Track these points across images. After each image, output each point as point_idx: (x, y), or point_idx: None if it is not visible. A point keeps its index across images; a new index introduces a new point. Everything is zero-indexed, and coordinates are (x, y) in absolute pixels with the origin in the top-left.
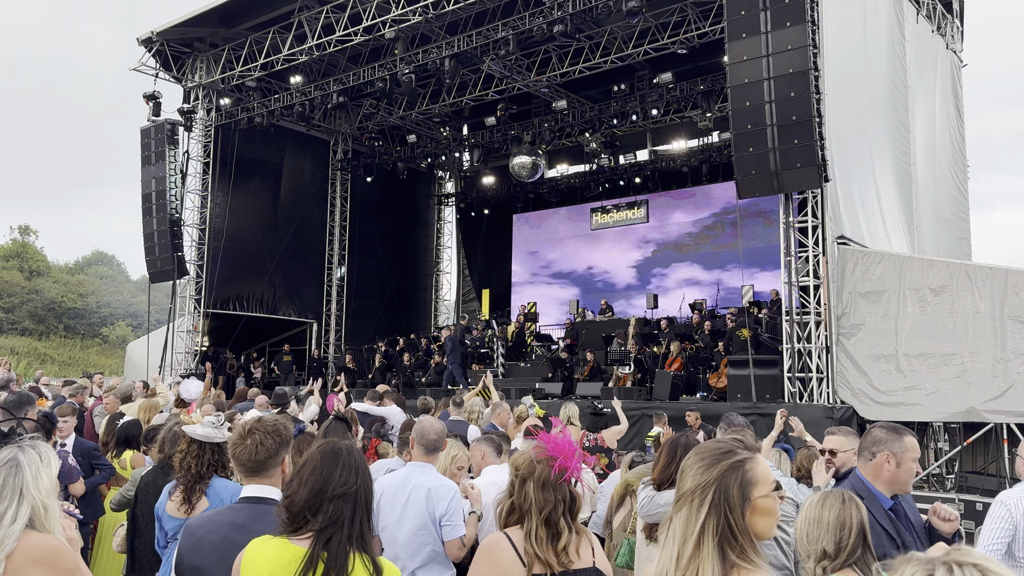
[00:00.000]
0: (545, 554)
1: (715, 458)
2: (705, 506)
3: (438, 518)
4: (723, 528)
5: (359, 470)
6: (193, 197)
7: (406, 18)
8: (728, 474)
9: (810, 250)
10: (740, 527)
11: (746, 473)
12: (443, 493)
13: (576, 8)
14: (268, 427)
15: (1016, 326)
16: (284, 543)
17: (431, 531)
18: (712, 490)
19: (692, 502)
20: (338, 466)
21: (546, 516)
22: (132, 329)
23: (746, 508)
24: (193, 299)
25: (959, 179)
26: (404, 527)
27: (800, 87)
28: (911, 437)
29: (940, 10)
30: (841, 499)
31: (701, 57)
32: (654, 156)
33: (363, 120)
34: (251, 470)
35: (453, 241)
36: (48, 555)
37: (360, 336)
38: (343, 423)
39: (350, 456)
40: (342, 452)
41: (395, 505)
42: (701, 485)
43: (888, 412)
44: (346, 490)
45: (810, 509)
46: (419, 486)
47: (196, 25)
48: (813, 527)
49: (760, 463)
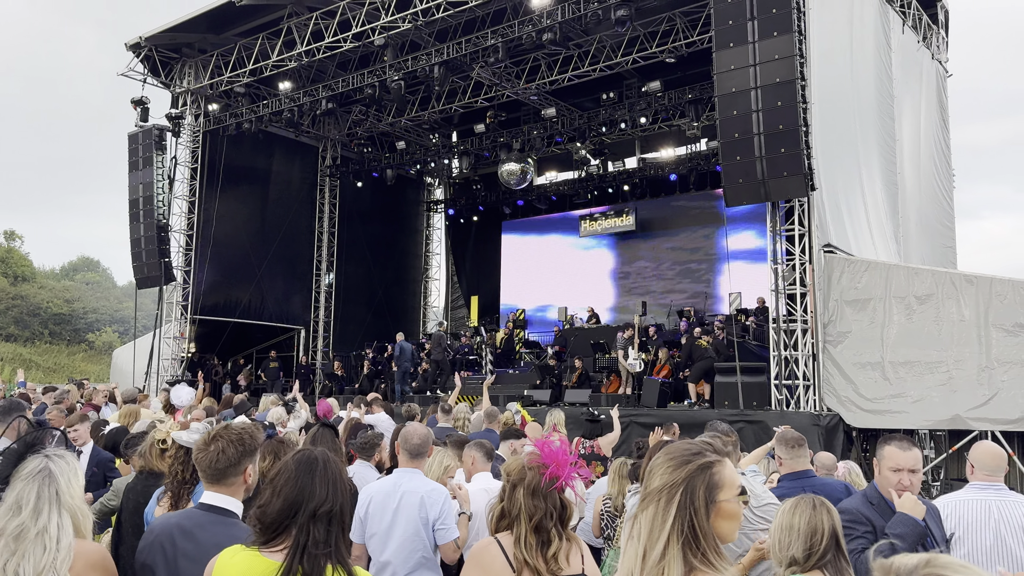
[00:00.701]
0: (534, 560)
1: (684, 459)
2: (672, 506)
3: (432, 523)
4: (687, 529)
5: (336, 480)
6: (180, 203)
7: (396, 25)
8: (696, 475)
9: (797, 258)
10: (704, 529)
11: (713, 476)
12: (435, 498)
13: (565, 17)
14: (232, 435)
15: (1000, 334)
16: (256, 555)
17: (422, 537)
18: (680, 490)
19: (659, 501)
20: (314, 476)
21: (536, 523)
22: (118, 335)
23: (711, 510)
24: (180, 305)
25: (944, 188)
26: (395, 534)
27: (787, 96)
28: (891, 447)
29: (926, 21)
30: (812, 505)
31: (689, 66)
32: (642, 164)
33: (352, 126)
34: (211, 477)
35: (442, 248)
36: (103, 560)
37: (348, 343)
38: (330, 430)
39: (327, 466)
40: (318, 462)
41: (385, 512)
42: (669, 484)
43: (874, 419)
44: (322, 501)
45: (782, 516)
46: (410, 492)
47: (185, 31)
48: (784, 534)
49: (728, 467)
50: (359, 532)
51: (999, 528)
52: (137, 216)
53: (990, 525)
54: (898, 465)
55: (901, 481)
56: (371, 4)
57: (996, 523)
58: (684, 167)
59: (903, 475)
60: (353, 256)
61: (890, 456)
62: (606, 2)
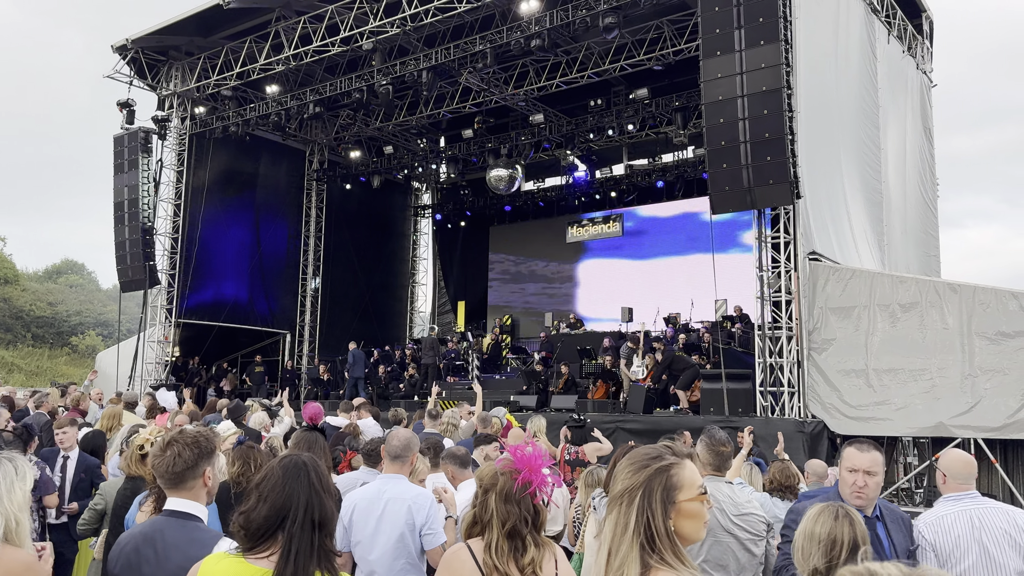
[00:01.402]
0: (505, 566)
1: (643, 463)
2: (633, 509)
3: (418, 528)
4: (644, 530)
5: (323, 486)
6: (166, 206)
7: (384, 30)
8: (654, 478)
9: (782, 265)
10: (660, 529)
11: (671, 478)
12: (421, 503)
13: (553, 23)
14: (188, 439)
15: (983, 342)
16: (240, 562)
17: (407, 542)
18: (639, 493)
19: (620, 505)
20: (301, 482)
21: (509, 528)
22: (102, 339)
23: (670, 511)
24: (164, 309)
25: (929, 197)
26: (380, 540)
27: (773, 105)
28: (851, 448)
29: (911, 31)
30: (834, 515)
31: (677, 74)
32: (630, 171)
33: (339, 131)
34: (170, 482)
35: (429, 253)
36: (25, 570)
37: (334, 347)
38: (319, 433)
39: (312, 472)
40: (306, 467)
41: (369, 519)
42: (629, 488)
43: (858, 427)
44: (311, 508)
45: (806, 522)
46: (395, 499)
47: (172, 33)
48: (807, 542)
49: (687, 468)
50: (343, 540)
51: (981, 538)
52: (122, 219)
53: (974, 536)
54: (854, 466)
55: (856, 482)
56: (359, 9)
57: (979, 533)
58: (671, 174)
59: (858, 476)
60: (340, 260)
61: (848, 457)
62: (594, 9)
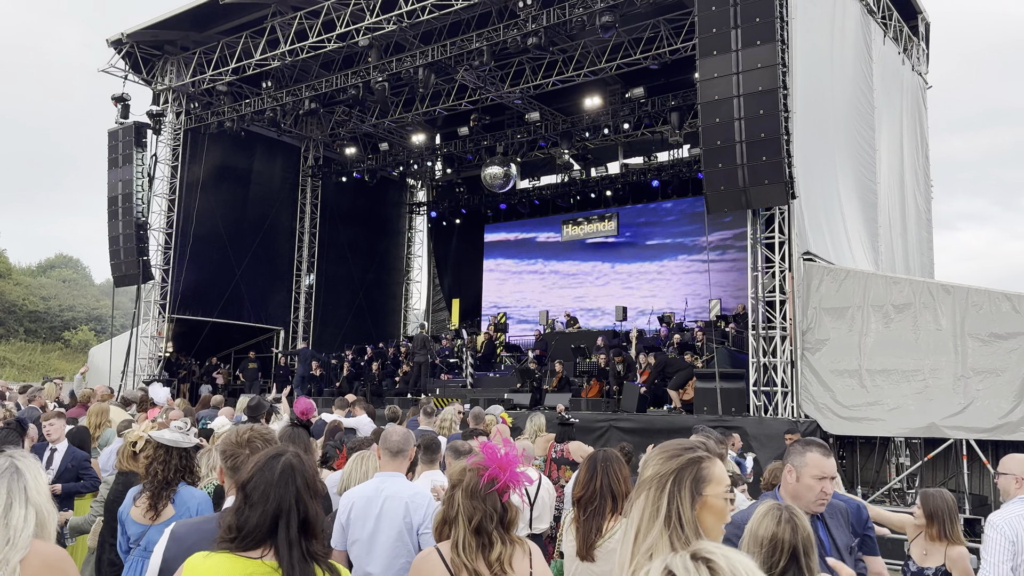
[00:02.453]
0: (473, 563)
1: (677, 452)
2: (664, 495)
3: (416, 528)
4: (675, 516)
5: (313, 486)
6: (160, 201)
7: (380, 26)
8: (686, 467)
9: (776, 266)
10: (688, 518)
11: (702, 470)
12: (419, 502)
13: (550, 21)
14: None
15: (976, 344)
16: (234, 559)
17: (406, 541)
18: (670, 480)
19: (650, 489)
20: (293, 485)
21: (475, 525)
22: (95, 334)
23: (696, 502)
24: (158, 304)
25: (923, 199)
26: (379, 539)
27: (769, 105)
28: (815, 454)
29: (906, 32)
30: (778, 518)
31: (673, 73)
32: (625, 169)
33: (335, 127)
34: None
35: (424, 250)
36: (60, 561)
37: (328, 344)
38: (304, 430)
39: (301, 475)
40: (295, 470)
41: (367, 518)
42: (660, 474)
43: (851, 427)
44: (304, 511)
45: (752, 521)
46: (393, 497)
47: (167, 28)
48: (750, 543)
49: (718, 465)
50: (340, 539)
51: None
52: (116, 214)
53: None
54: (823, 472)
55: (824, 489)
56: (356, 5)
57: None
58: (666, 173)
59: (826, 483)
60: (334, 257)
61: (815, 463)
62: (591, 8)
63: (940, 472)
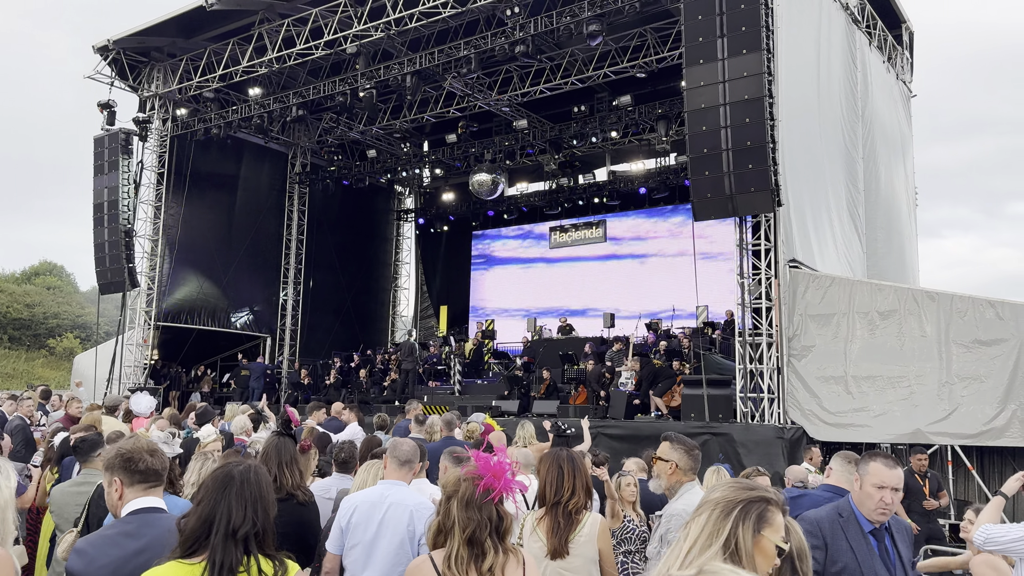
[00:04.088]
0: (464, 574)
1: (749, 486)
2: (728, 519)
3: (418, 537)
4: (733, 542)
5: (257, 498)
6: (146, 208)
7: (368, 34)
8: (755, 502)
9: (763, 272)
10: (746, 548)
11: (768, 512)
12: (424, 512)
13: (538, 29)
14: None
15: (960, 350)
16: (177, 565)
17: (407, 550)
18: (737, 508)
19: (713, 511)
20: (230, 495)
21: (469, 535)
22: (80, 341)
23: (754, 539)
24: (144, 311)
25: (908, 207)
26: (380, 544)
27: (755, 113)
28: (877, 463)
29: (891, 41)
30: None
31: (660, 81)
32: (613, 177)
33: (323, 134)
34: None
35: (412, 257)
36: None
37: (315, 351)
38: (289, 439)
39: (245, 484)
40: (234, 480)
41: (370, 523)
42: (728, 500)
43: (837, 433)
44: (240, 521)
45: None
46: (397, 504)
47: (154, 34)
48: None
49: (779, 515)
50: (338, 542)
51: None
52: (101, 220)
53: None
54: (884, 482)
55: (883, 499)
56: (344, 12)
57: None
58: (654, 181)
59: (886, 492)
60: (321, 264)
61: (876, 472)
62: (578, 16)
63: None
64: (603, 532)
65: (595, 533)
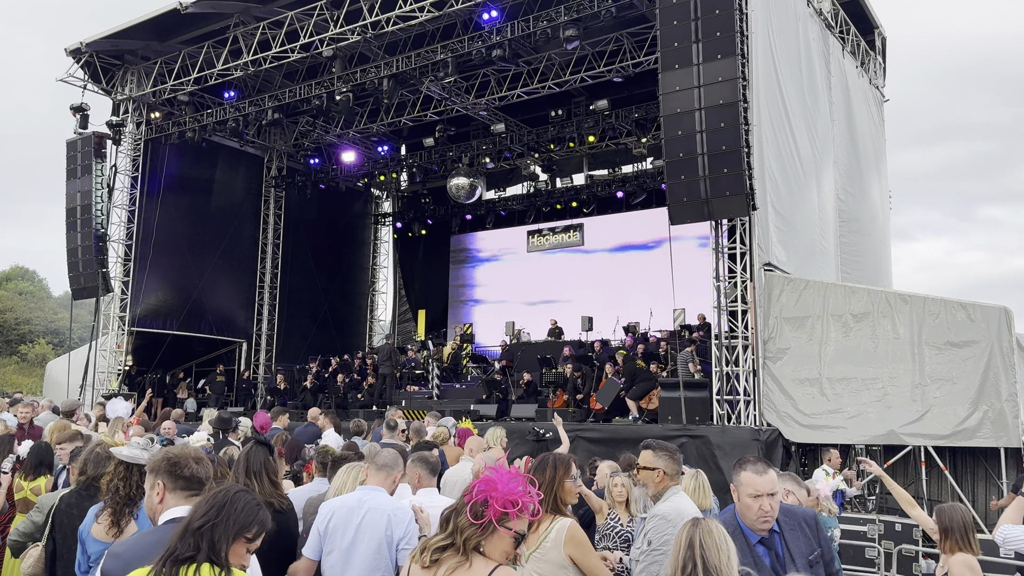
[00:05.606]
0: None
1: None
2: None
3: (396, 541)
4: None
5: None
6: (120, 212)
7: (344, 37)
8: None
9: (739, 276)
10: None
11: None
12: (401, 516)
13: (515, 34)
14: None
15: (933, 352)
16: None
17: (384, 555)
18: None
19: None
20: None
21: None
22: (52, 347)
23: None
24: (117, 317)
25: (881, 210)
26: (358, 550)
27: (730, 118)
28: (747, 472)
29: (863, 47)
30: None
31: (636, 86)
32: (590, 181)
33: (299, 137)
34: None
35: (390, 261)
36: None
37: (292, 356)
38: (264, 447)
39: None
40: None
41: (348, 528)
42: None
43: (812, 434)
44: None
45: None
46: (375, 509)
47: (128, 37)
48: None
49: None
50: (315, 547)
51: None
52: (74, 225)
53: None
54: (757, 490)
55: (762, 507)
56: (320, 16)
57: None
58: (631, 184)
59: (763, 500)
60: (298, 268)
61: (748, 482)
62: (555, 21)
63: (899, 478)
64: (571, 538)
65: (561, 539)
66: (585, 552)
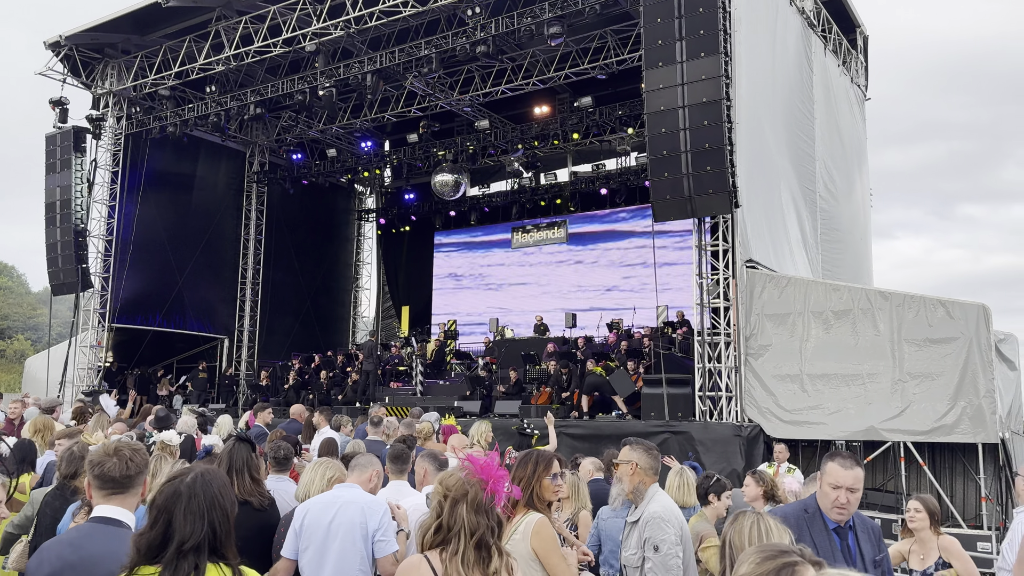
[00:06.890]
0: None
1: (774, 554)
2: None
3: (371, 533)
4: None
5: (204, 511)
6: (100, 207)
7: (327, 32)
8: (782, 570)
9: (721, 273)
10: None
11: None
12: (375, 508)
13: (499, 30)
14: (135, 446)
15: (912, 348)
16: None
17: (359, 549)
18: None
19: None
20: (178, 511)
21: (478, 539)
22: (31, 343)
23: None
24: (97, 312)
25: (862, 208)
26: (332, 546)
27: (713, 116)
28: (834, 463)
29: (845, 46)
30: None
31: (620, 83)
32: (574, 177)
33: (281, 132)
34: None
35: (373, 257)
36: None
37: (274, 352)
38: (247, 444)
39: (192, 499)
40: (181, 496)
41: (321, 524)
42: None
43: (793, 430)
44: (186, 537)
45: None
46: (349, 503)
47: (108, 31)
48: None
49: (810, 571)
50: (292, 546)
51: None
52: (54, 220)
53: None
54: (838, 482)
55: (838, 499)
56: (303, 10)
57: None
58: (615, 181)
59: (841, 492)
60: (280, 264)
61: (831, 472)
62: (539, 17)
63: (880, 474)
64: (538, 532)
65: (528, 532)
66: (548, 549)
